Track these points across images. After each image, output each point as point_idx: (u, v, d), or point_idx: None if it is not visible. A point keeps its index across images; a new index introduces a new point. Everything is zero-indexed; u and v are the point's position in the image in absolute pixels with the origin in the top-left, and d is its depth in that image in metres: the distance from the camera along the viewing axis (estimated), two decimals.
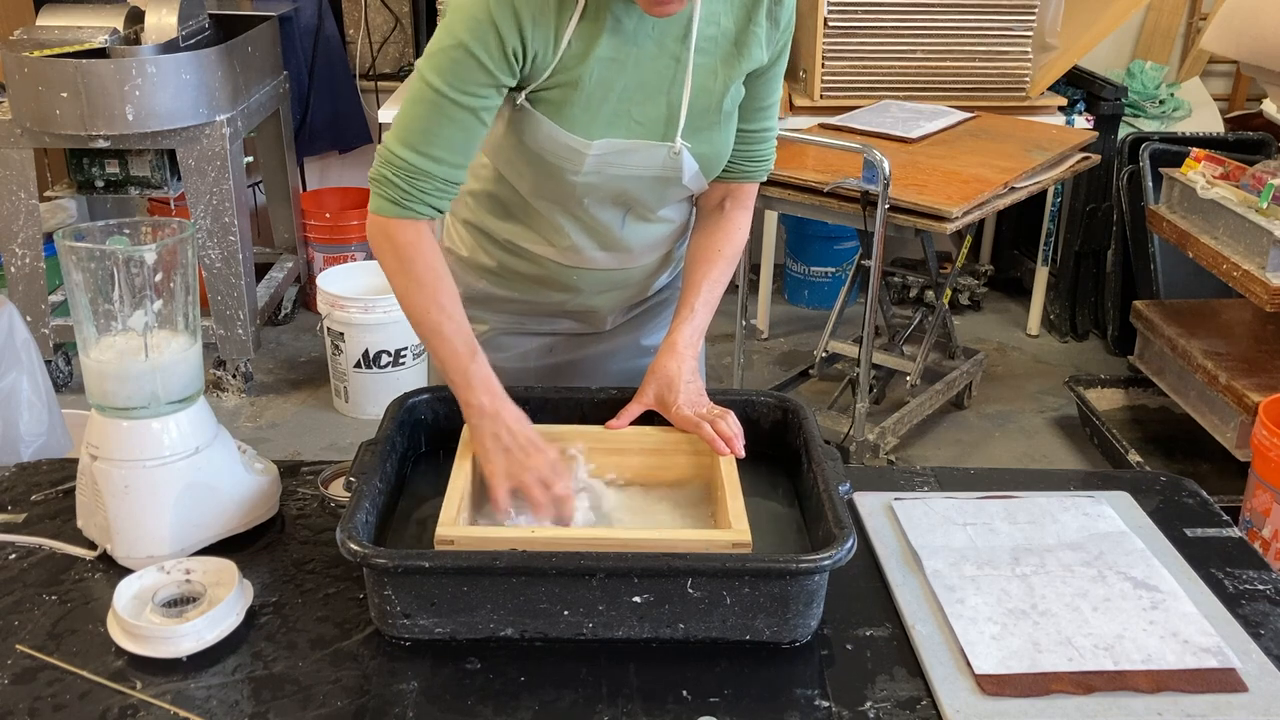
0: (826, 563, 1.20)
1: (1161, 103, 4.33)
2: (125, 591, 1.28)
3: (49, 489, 1.54)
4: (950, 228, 2.80)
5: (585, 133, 1.43)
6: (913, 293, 4.36)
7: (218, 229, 3.46)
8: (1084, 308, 4.20)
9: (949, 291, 3.55)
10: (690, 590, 1.21)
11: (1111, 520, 1.49)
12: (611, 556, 1.22)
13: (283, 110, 4.02)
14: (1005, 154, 3.17)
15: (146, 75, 3.17)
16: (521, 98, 1.42)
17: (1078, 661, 1.22)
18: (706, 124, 1.48)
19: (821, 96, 3.76)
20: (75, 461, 1.45)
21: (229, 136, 3.37)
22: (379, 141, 4.42)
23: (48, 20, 3.41)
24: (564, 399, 1.54)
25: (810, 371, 3.61)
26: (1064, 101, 3.86)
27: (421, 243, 1.42)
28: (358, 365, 3.53)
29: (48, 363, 3.41)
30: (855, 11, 3.71)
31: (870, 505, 1.52)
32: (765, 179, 1.65)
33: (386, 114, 3.72)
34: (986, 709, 1.16)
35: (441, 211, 1.44)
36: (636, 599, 1.22)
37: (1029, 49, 3.77)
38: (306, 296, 4.31)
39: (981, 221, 3.62)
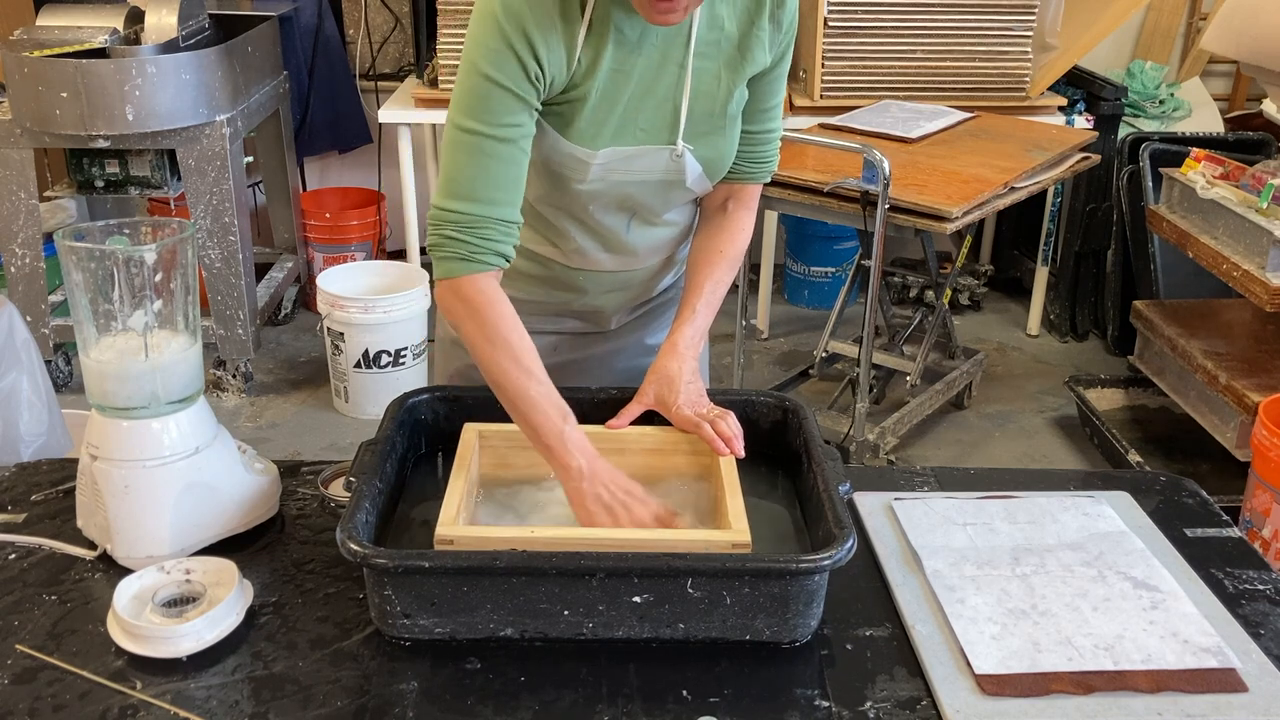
0: (826, 563, 1.20)
1: (1161, 103, 4.33)
2: (125, 591, 1.28)
3: (49, 489, 1.54)
4: (950, 228, 2.80)
5: (591, 144, 1.43)
6: (913, 293, 4.36)
7: (218, 229, 3.46)
8: (1084, 308, 4.20)
9: (949, 291, 3.55)
10: (690, 590, 1.21)
11: (1111, 520, 1.49)
12: (611, 556, 1.22)
13: (283, 110, 4.02)
14: (1005, 154, 3.17)
15: (146, 75, 3.17)
16: None
17: (1078, 661, 1.22)
18: (710, 128, 1.48)
19: (821, 96, 3.76)
20: (75, 461, 1.45)
21: (229, 136, 3.37)
22: (378, 141, 4.48)
23: (48, 20, 3.41)
24: (564, 398, 1.53)
25: (810, 371, 3.61)
26: (1064, 101, 3.86)
27: (496, 297, 1.40)
28: (358, 365, 3.53)
29: (48, 363, 3.41)
30: (855, 11, 3.71)
31: (870, 505, 1.52)
32: (769, 180, 1.65)
33: (386, 114, 3.73)
34: (986, 709, 1.16)
35: (509, 259, 1.41)
36: (636, 599, 1.22)
37: (1029, 49, 3.77)
38: (306, 296, 4.31)
39: (981, 221, 3.62)
